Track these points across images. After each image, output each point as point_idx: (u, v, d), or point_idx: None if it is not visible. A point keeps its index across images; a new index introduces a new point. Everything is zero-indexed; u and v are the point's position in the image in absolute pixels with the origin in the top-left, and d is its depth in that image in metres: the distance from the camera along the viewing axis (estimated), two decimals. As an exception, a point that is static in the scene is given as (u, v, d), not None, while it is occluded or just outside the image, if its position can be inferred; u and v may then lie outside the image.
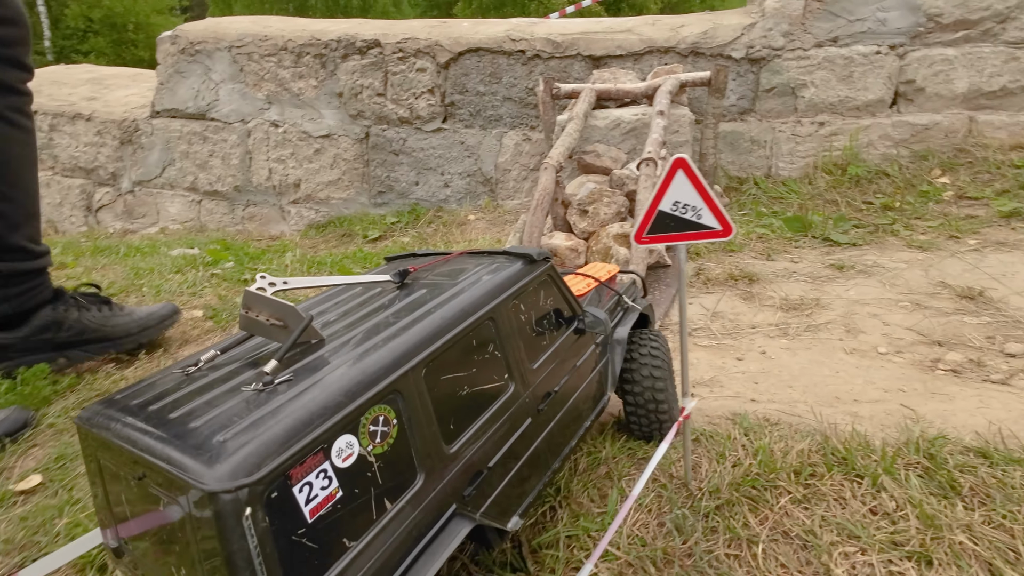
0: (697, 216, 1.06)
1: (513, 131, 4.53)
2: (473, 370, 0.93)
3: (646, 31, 4.19)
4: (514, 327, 1.03)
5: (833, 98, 3.99)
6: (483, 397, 0.95)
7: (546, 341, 1.13)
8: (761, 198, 3.97)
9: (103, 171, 5.39)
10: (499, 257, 1.16)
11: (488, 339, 0.97)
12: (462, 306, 0.94)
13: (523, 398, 1.03)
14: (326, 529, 0.71)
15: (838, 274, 2.74)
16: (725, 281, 2.74)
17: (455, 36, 4.45)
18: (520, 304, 1.06)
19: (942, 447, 1.27)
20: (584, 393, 1.24)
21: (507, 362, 1.00)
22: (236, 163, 5.03)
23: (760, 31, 3.97)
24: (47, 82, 5.90)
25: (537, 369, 1.08)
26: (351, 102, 4.69)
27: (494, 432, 0.95)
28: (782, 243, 3.21)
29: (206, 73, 4.96)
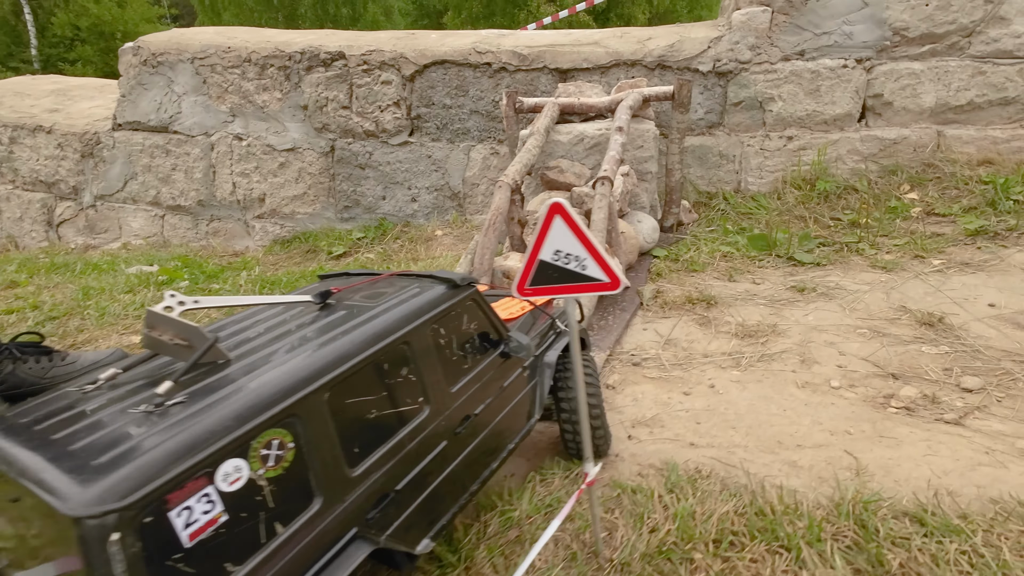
0: (581, 267, 0.94)
1: (481, 145, 4.42)
2: (384, 393, 0.94)
3: (613, 44, 4.09)
4: (432, 351, 1.04)
5: (801, 112, 3.90)
6: (394, 420, 0.95)
7: (468, 364, 1.13)
8: (730, 214, 3.87)
9: (64, 185, 5.23)
10: (425, 280, 1.17)
11: (402, 363, 0.98)
12: (374, 331, 0.95)
13: (439, 421, 1.03)
14: (207, 554, 0.70)
15: (798, 297, 2.63)
16: (683, 305, 2.63)
17: (421, 48, 4.34)
18: (440, 328, 1.07)
19: (876, 511, 1.15)
20: (509, 416, 1.24)
21: (423, 385, 1.01)
22: (199, 177, 4.88)
23: (727, 44, 3.88)
24: (9, 93, 5.74)
25: (456, 392, 1.08)
26: (316, 115, 4.56)
27: (404, 455, 0.95)
28: (746, 262, 3.10)
29: (169, 85, 4.82)
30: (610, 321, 2.49)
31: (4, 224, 5.47)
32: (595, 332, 2.39)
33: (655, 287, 2.80)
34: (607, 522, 1.23)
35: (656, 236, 3.39)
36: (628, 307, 2.62)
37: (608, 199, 2.73)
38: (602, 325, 2.45)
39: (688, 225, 3.84)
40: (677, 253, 3.30)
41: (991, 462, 1.39)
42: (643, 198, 3.65)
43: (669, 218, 3.77)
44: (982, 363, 1.95)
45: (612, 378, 2.07)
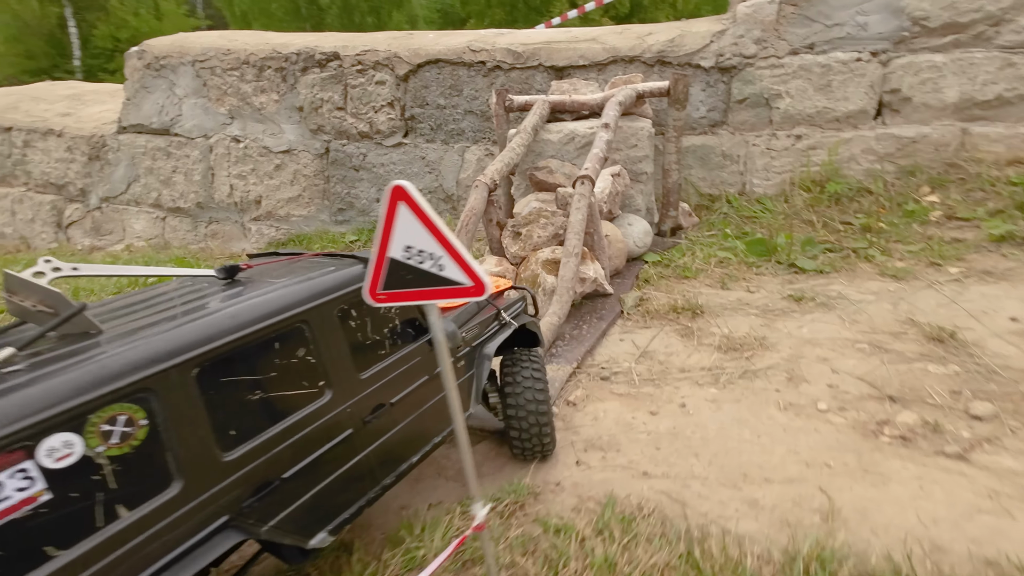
0: (438, 267, 0.76)
1: (475, 146, 4.27)
2: (272, 374, 0.87)
3: (611, 40, 3.90)
4: (338, 333, 0.97)
5: (811, 109, 3.63)
6: (283, 403, 0.88)
7: (385, 350, 1.06)
8: (733, 217, 3.61)
9: (72, 187, 5.28)
10: (351, 261, 1.11)
11: (299, 343, 0.91)
12: (262, 307, 0.87)
13: (343, 408, 0.96)
14: (19, 535, 0.63)
15: (794, 307, 2.39)
16: (667, 314, 2.41)
17: (415, 47, 4.22)
18: (351, 310, 1.00)
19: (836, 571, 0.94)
20: (436, 407, 1.17)
21: (324, 368, 0.94)
22: (198, 179, 4.86)
23: (731, 38, 3.64)
24: (27, 98, 5.86)
25: (368, 379, 1.01)
26: (311, 116, 4.49)
27: (296, 442, 0.88)
28: (742, 269, 2.86)
29: (170, 88, 4.82)
30: (584, 330, 2.29)
31: (17, 225, 5.56)
32: (565, 342, 2.20)
33: (639, 294, 2.59)
34: (518, 569, 1.04)
35: (648, 240, 3.17)
36: (607, 315, 2.42)
37: (588, 199, 2.53)
38: (574, 335, 2.25)
39: (687, 229, 3.60)
40: (670, 258, 3.08)
41: (994, 509, 1.16)
42: (638, 200, 3.43)
43: (666, 221, 3.54)
44: (997, 386, 1.69)
45: (575, 394, 1.88)
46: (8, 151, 5.49)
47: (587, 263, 2.49)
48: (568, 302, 2.27)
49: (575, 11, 7.27)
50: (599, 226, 2.65)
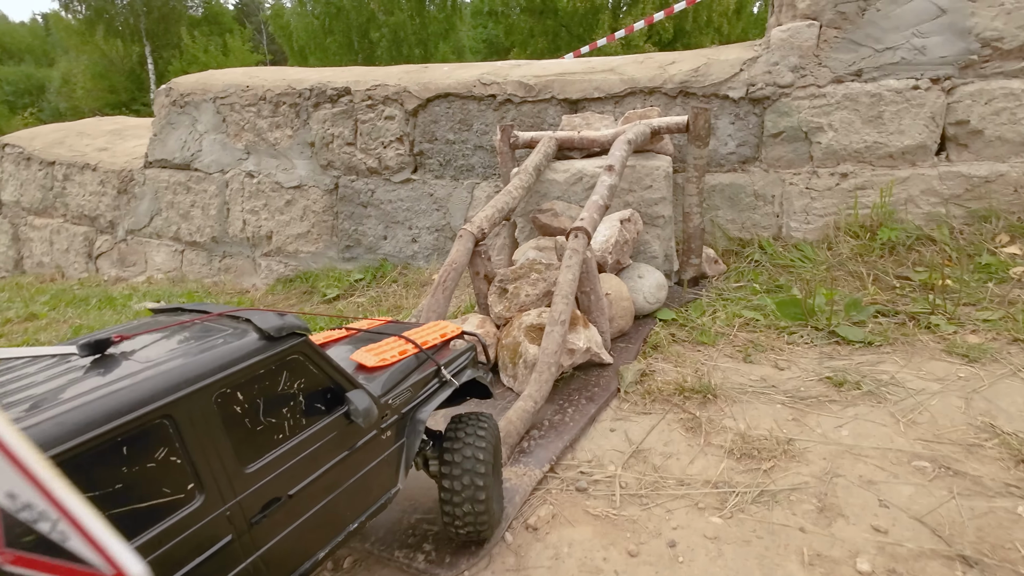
0: (60, 535, 0.42)
1: (485, 182, 3.96)
2: (117, 487, 0.72)
3: (629, 70, 3.52)
4: (215, 423, 0.83)
5: (858, 144, 3.11)
6: (134, 520, 0.73)
7: (282, 434, 0.92)
8: (766, 266, 3.12)
9: (103, 219, 5.34)
10: (242, 327, 0.95)
11: (159, 442, 0.77)
12: (106, 406, 0.72)
13: (221, 512, 0.83)
14: None
15: (833, 395, 1.89)
16: (672, 396, 1.97)
17: (424, 81, 3.99)
18: (237, 393, 0.86)
19: None
20: (352, 489, 1.03)
21: (194, 469, 0.80)
22: (214, 213, 4.78)
23: (763, 66, 3.19)
24: (73, 133, 6.04)
25: (256, 472, 0.88)
26: (322, 152, 4.32)
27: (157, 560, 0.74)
28: (771, 335, 2.38)
29: (193, 124, 4.79)
30: (568, 415, 1.88)
31: (55, 255, 5.68)
32: (542, 431, 1.80)
33: (642, 366, 2.16)
34: None
35: (663, 295, 2.73)
36: (599, 395, 2.00)
37: (581, 255, 2.14)
38: (555, 422, 1.85)
39: (713, 278, 3.13)
40: (688, 317, 2.63)
41: None
42: (654, 246, 3.01)
43: (687, 270, 3.09)
44: None
45: (540, 512, 1.47)
46: (50, 184, 5.64)
47: (578, 331, 2.09)
48: (549, 382, 1.87)
49: (621, 32, 6.96)
50: (596, 284, 2.25)
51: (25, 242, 5.86)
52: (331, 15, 22.24)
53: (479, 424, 1.27)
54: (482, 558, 1.33)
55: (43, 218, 5.74)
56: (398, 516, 1.46)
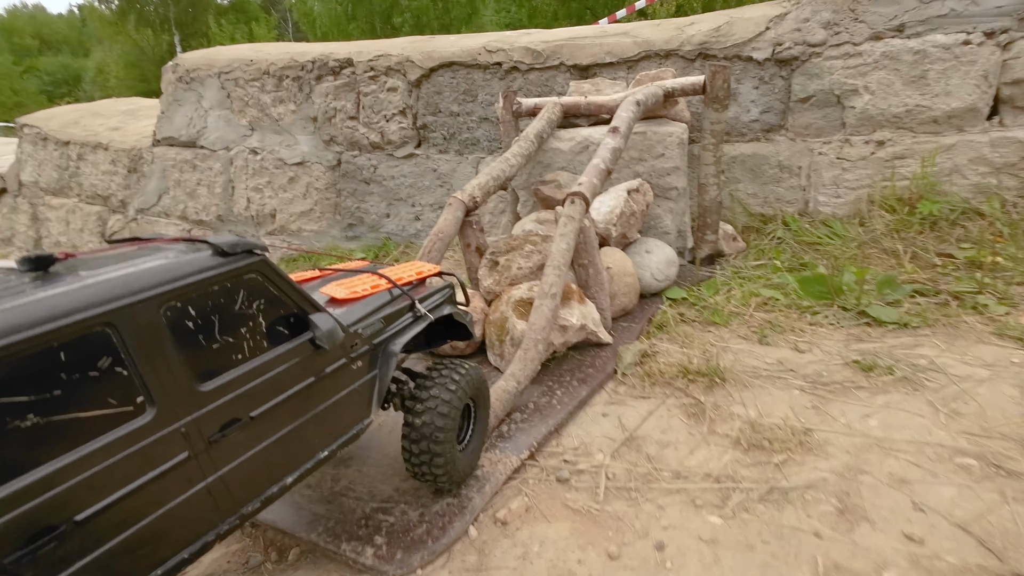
0: None
1: (490, 156, 3.75)
2: (54, 393, 0.69)
3: (644, 32, 3.25)
4: (164, 337, 0.79)
5: (897, 108, 2.79)
6: (79, 428, 0.70)
7: (240, 355, 0.89)
8: (789, 243, 2.85)
9: (115, 199, 5.34)
10: (196, 246, 0.92)
11: (100, 352, 0.73)
12: (39, 311, 0.69)
13: (175, 427, 0.79)
14: None
15: (861, 380, 1.65)
16: (674, 379, 1.75)
17: (428, 50, 3.79)
18: (189, 308, 0.83)
19: None
20: (320, 417, 1.00)
21: (143, 382, 0.77)
22: (219, 192, 4.70)
23: (792, 23, 2.89)
24: (88, 114, 6.05)
25: (212, 391, 0.84)
26: (325, 126, 4.18)
27: (98, 474, 0.71)
28: (792, 316, 2.13)
29: (198, 101, 4.71)
30: (556, 398, 1.69)
31: (70, 235, 5.72)
32: (525, 414, 1.61)
33: (644, 347, 1.94)
34: None
35: (672, 271, 2.50)
36: (593, 376, 1.80)
37: (577, 223, 1.93)
38: (541, 404, 1.66)
39: (730, 256, 2.88)
40: (700, 296, 2.39)
41: None
42: (665, 220, 2.77)
43: (702, 247, 2.84)
44: None
45: (512, 504, 1.29)
46: (66, 164, 5.66)
47: (571, 306, 1.89)
48: (535, 360, 1.68)
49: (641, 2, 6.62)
50: (595, 257, 2.03)
51: (43, 222, 5.92)
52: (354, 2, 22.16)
53: (456, 369, 1.23)
54: (439, 555, 1.16)
55: (59, 198, 5.77)
56: (352, 504, 1.30)
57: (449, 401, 1.17)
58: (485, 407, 1.35)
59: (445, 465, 1.18)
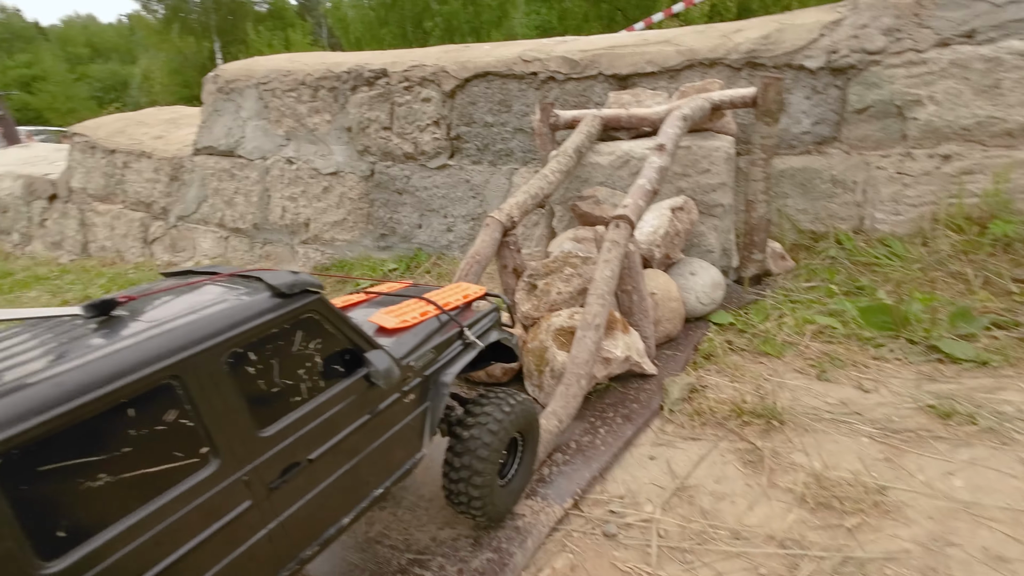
0: None
1: (525, 168, 3.67)
2: (125, 450, 0.68)
3: (687, 40, 3.12)
4: (226, 385, 0.78)
5: (967, 119, 2.59)
6: (145, 485, 0.69)
7: (299, 397, 0.87)
8: (843, 264, 2.67)
9: (157, 206, 5.47)
10: (253, 285, 0.89)
11: (167, 404, 0.72)
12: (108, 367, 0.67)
13: (237, 476, 0.78)
14: None
15: (938, 428, 1.49)
16: (727, 418, 1.63)
17: (462, 60, 3.73)
18: (249, 353, 0.81)
19: None
20: (375, 455, 0.98)
21: (207, 432, 0.75)
22: (256, 200, 4.76)
23: (849, 29, 2.71)
24: (134, 123, 6.23)
25: (272, 436, 0.83)
26: (359, 137, 4.17)
27: (167, 528, 0.69)
28: (853, 348, 1.97)
29: (237, 111, 4.77)
30: (599, 437, 1.59)
31: (115, 240, 5.90)
32: (568, 455, 1.51)
33: (692, 380, 1.82)
34: None
35: (719, 295, 2.36)
36: (638, 413, 1.69)
37: (622, 248, 1.82)
38: (584, 444, 1.56)
39: (778, 276, 2.72)
40: (748, 321, 2.25)
41: None
42: (710, 238, 2.63)
43: (749, 266, 2.69)
44: None
45: (557, 562, 1.20)
46: (112, 171, 5.84)
47: (616, 336, 1.79)
48: (577, 397, 1.58)
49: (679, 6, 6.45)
50: (640, 282, 1.92)
51: (90, 227, 6.12)
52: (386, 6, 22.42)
53: (507, 400, 1.18)
54: (480, 621, 1.07)
55: (106, 204, 5.96)
56: (387, 554, 1.23)
57: (495, 432, 1.13)
58: (533, 445, 1.29)
59: (483, 497, 1.13)
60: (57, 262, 6.10)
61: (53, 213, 6.44)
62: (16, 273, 5.58)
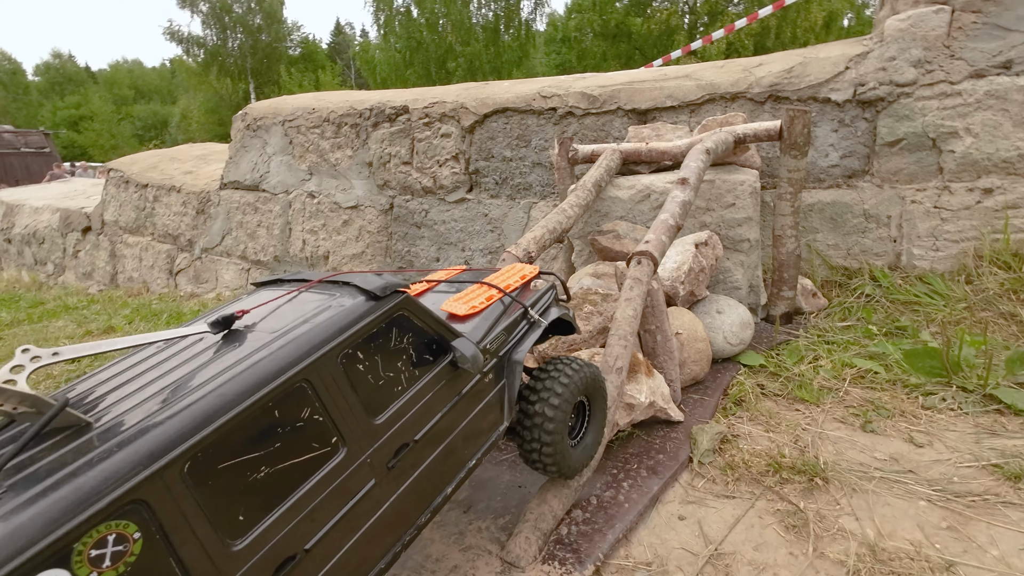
0: None
1: (543, 202, 3.62)
2: (276, 445, 0.79)
3: (708, 75, 3.07)
4: (344, 382, 0.88)
5: (1008, 152, 2.45)
6: (294, 473, 0.81)
7: (400, 386, 0.97)
8: (881, 302, 2.51)
9: (183, 238, 5.56)
10: (345, 289, 1.00)
11: (301, 404, 0.83)
12: (257, 376, 0.79)
13: (362, 460, 0.89)
14: None
15: (1008, 493, 1.32)
16: (763, 473, 1.48)
17: (482, 97, 3.75)
18: (358, 352, 0.91)
19: None
20: (466, 431, 1.08)
21: (334, 424, 0.86)
22: (277, 233, 4.80)
23: (876, 62, 2.63)
24: (166, 159, 6.43)
25: (385, 423, 0.93)
26: (379, 171, 4.20)
27: (311, 511, 0.81)
28: (899, 395, 1.80)
29: (263, 147, 4.88)
30: (623, 492, 1.45)
31: (142, 271, 6.00)
32: (588, 512, 1.38)
33: (722, 429, 1.68)
34: None
35: (747, 334, 2.22)
36: (664, 465, 1.55)
37: (645, 286, 1.71)
38: (605, 500, 1.42)
39: (810, 315, 2.57)
40: (781, 363, 2.10)
41: None
42: (736, 275, 2.51)
43: (777, 304, 2.55)
44: None
45: (576, 642, 1.05)
46: (143, 205, 6.00)
47: (639, 380, 1.66)
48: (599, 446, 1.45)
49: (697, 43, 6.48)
50: (664, 322, 1.80)
51: (120, 258, 6.26)
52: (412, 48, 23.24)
53: (570, 365, 1.26)
54: None
55: (135, 236, 6.10)
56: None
57: (561, 394, 1.20)
58: (601, 404, 1.36)
59: (555, 455, 1.21)
60: (87, 292, 6.22)
61: (86, 245, 6.61)
62: (47, 303, 5.69)
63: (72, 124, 27.95)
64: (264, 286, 1.15)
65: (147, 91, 31.57)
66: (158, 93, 31.57)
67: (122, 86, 31.09)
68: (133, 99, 30.78)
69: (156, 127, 29.41)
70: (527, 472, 1.57)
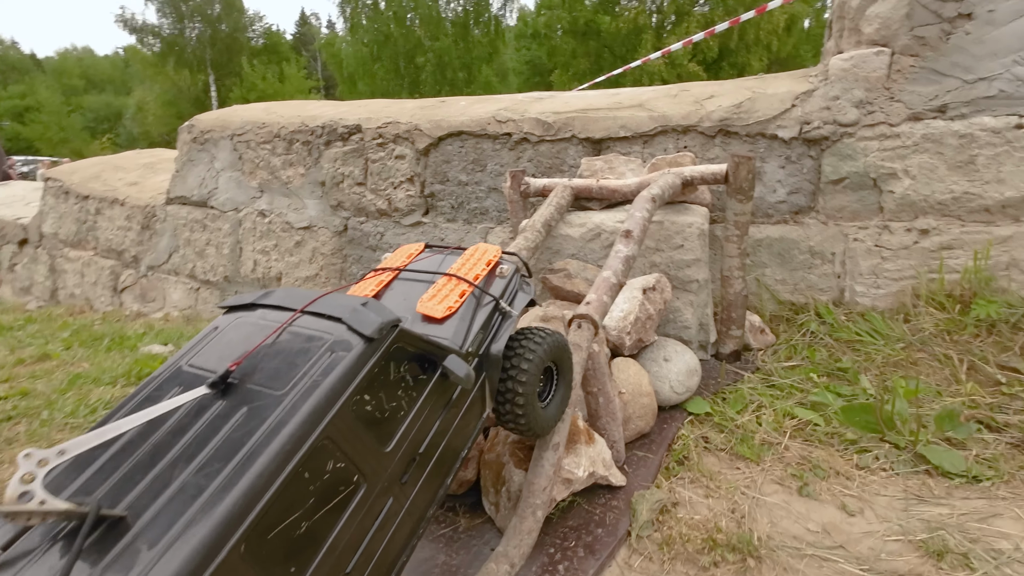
0: None
1: (500, 227, 3.55)
2: (311, 501, 0.84)
3: (660, 106, 3.04)
4: (357, 426, 0.92)
5: (943, 194, 2.51)
6: (328, 518, 0.88)
7: (403, 411, 1.03)
8: (824, 339, 2.54)
9: (128, 254, 5.28)
10: (337, 328, 0.97)
11: (327, 459, 0.87)
12: (283, 448, 0.80)
13: (380, 486, 0.96)
14: None
15: (931, 571, 1.33)
16: (700, 551, 1.46)
17: (436, 119, 3.64)
18: (364, 395, 0.94)
19: None
20: (457, 427, 1.18)
21: (355, 465, 0.92)
22: (227, 252, 4.59)
23: (821, 101, 2.65)
24: (110, 167, 6.08)
25: (393, 448, 1.00)
26: (332, 192, 4.05)
27: (348, 542, 0.90)
28: (835, 452, 1.82)
29: (211, 161, 4.64)
30: (574, 565, 1.40)
31: (84, 287, 5.68)
32: (521, 606, 1.33)
33: (663, 495, 1.65)
34: None
35: (694, 382, 2.21)
36: (603, 541, 1.51)
37: (585, 351, 1.67)
38: (539, 588, 1.37)
39: (759, 352, 2.59)
40: (725, 413, 2.10)
41: None
42: (686, 314, 2.50)
43: (726, 342, 2.55)
44: None
45: None
46: (84, 217, 5.66)
47: (578, 451, 1.62)
48: (532, 532, 1.40)
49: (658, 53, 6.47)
50: (606, 385, 1.76)
51: (60, 273, 5.90)
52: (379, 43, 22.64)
53: (538, 334, 1.35)
54: None
55: (77, 250, 5.76)
56: None
57: (528, 369, 1.27)
58: (568, 366, 1.46)
59: (528, 419, 1.31)
60: (24, 308, 5.85)
61: (23, 258, 6.22)
62: (-21, 323, 5.32)
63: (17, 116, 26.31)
64: (235, 310, 1.10)
65: (99, 81, 29.93)
66: (111, 83, 29.98)
67: (71, 75, 29.40)
68: (84, 89, 29.15)
69: (109, 119, 27.96)
70: (463, 551, 1.51)
